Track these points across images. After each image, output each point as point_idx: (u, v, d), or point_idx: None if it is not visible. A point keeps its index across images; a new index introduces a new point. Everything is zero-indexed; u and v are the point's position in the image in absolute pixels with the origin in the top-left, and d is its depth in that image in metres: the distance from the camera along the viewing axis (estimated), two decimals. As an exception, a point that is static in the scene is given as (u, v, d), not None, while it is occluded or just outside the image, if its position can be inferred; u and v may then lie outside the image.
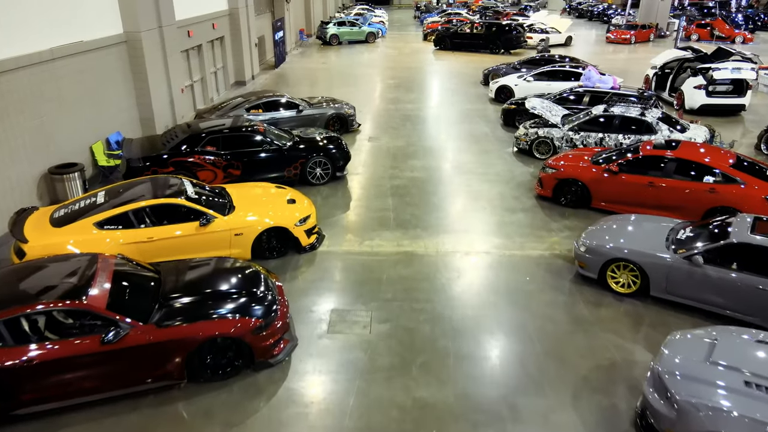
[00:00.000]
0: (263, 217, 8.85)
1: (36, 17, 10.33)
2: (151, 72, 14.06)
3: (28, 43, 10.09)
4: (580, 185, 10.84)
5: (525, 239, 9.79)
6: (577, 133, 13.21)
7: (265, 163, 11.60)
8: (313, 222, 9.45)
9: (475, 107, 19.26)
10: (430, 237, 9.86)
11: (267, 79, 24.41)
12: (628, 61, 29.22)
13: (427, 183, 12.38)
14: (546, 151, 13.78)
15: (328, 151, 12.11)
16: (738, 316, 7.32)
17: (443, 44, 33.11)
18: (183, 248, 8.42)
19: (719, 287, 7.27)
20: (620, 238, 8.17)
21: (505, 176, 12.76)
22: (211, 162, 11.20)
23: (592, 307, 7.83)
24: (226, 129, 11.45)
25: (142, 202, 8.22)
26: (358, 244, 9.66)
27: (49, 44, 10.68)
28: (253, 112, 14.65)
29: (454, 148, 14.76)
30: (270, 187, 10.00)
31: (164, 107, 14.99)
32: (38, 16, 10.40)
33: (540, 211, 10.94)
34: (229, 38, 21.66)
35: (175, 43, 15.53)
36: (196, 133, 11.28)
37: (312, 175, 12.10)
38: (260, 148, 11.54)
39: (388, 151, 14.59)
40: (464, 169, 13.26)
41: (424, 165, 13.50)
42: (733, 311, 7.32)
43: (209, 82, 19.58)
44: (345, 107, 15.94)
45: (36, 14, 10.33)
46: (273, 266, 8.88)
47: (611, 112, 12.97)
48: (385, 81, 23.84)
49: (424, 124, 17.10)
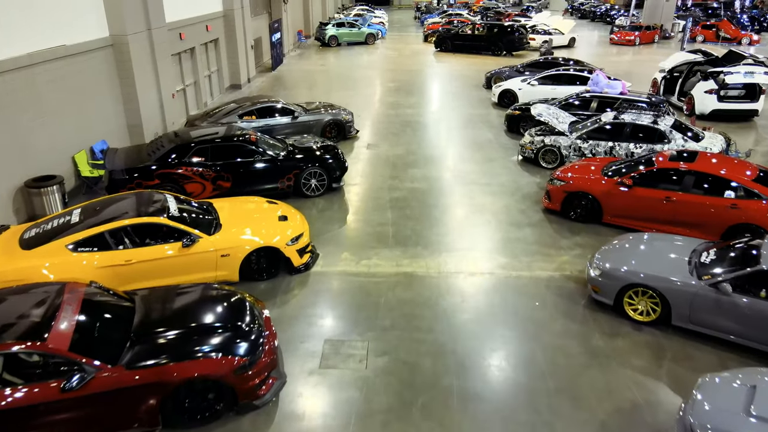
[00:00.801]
0: (252, 236, 8.22)
1: (12, 20, 9.70)
2: (139, 77, 13.43)
3: (3, 48, 9.46)
4: (591, 199, 10.20)
5: (533, 258, 9.15)
6: (586, 142, 12.57)
7: (257, 175, 10.97)
8: (307, 240, 8.82)
9: (478, 112, 18.63)
10: (431, 256, 9.23)
11: (264, 82, 23.78)
12: (633, 63, 28.58)
13: (428, 195, 11.74)
14: (553, 160, 13.15)
15: (324, 161, 11.48)
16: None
17: (444, 46, 32.49)
18: (164, 271, 7.79)
19: (749, 318, 6.63)
20: (637, 261, 7.53)
21: (510, 187, 12.13)
22: (199, 174, 10.57)
23: (607, 337, 7.19)
24: (215, 138, 10.82)
25: (120, 221, 7.59)
26: (354, 263, 9.02)
27: (26, 49, 10.05)
28: (246, 118, 14.03)
29: (457, 156, 14.13)
30: (260, 202, 9.37)
31: (154, 113, 14.36)
32: (14, 19, 9.76)
33: (548, 226, 10.30)
34: (223, 40, 21.04)
35: (166, 46, 14.90)
36: (184, 142, 10.65)
37: (307, 187, 11.46)
38: (252, 158, 10.91)
39: (387, 159, 13.96)
40: (467, 179, 12.62)
41: (425, 175, 12.87)
42: (766, 345, 6.68)
43: (203, 85, 18.96)
44: (342, 113, 15.31)
45: (12, 17, 9.70)
46: (262, 289, 8.25)
47: (622, 120, 12.34)
48: (384, 84, 23.21)
49: (425, 130, 16.47)
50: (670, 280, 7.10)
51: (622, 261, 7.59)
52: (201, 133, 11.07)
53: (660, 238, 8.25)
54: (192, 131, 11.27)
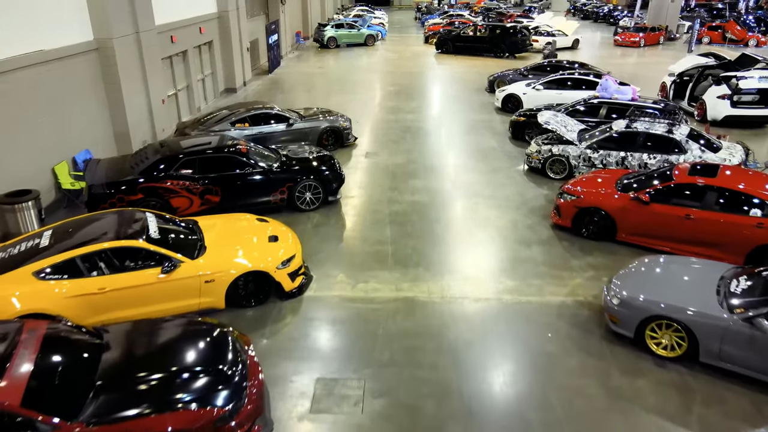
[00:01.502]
0: (239, 260, 7.56)
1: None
2: (125, 82, 12.76)
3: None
4: (604, 215, 9.54)
5: (543, 281, 8.49)
6: (596, 152, 11.91)
7: (248, 188, 10.31)
8: (299, 262, 8.16)
9: (481, 117, 17.97)
10: (433, 278, 8.57)
11: (260, 85, 23.12)
12: (638, 65, 27.92)
13: (429, 208, 11.08)
14: (561, 170, 12.49)
15: (320, 173, 10.82)
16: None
17: (445, 47, 31.82)
18: (143, 299, 7.13)
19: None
20: (660, 289, 6.87)
21: (516, 200, 11.46)
22: (186, 187, 9.91)
23: (628, 375, 6.53)
24: (203, 150, 10.16)
25: (93, 246, 6.93)
26: (350, 287, 8.36)
27: (1, 54, 9.39)
28: (239, 126, 13.36)
29: (459, 166, 13.46)
30: (249, 220, 8.71)
31: (142, 120, 13.70)
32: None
33: (558, 244, 9.64)
34: (218, 43, 20.37)
35: (155, 50, 14.24)
36: (170, 154, 9.99)
37: (301, 200, 10.80)
38: (242, 171, 10.25)
39: (386, 169, 13.29)
40: (470, 191, 11.96)
41: (426, 186, 12.20)
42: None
43: (196, 90, 18.29)
44: (340, 119, 14.65)
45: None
46: (250, 317, 7.59)
47: (634, 129, 11.67)
48: (384, 87, 22.55)
49: (426, 137, 15.81)
50: (697, 313, 6.44)
51: (642, 289, 6.93)
52: (188, 144, 10.42)
53: (682, 261, 7.59)
54: (179, 141, 10.61)
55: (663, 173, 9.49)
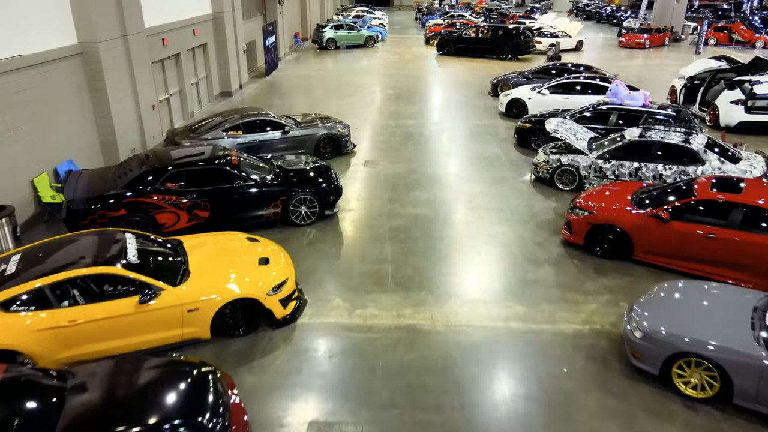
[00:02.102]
0: (226, 286, 6.94)
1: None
2: (112, 88, 12.14)
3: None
4: (619, 232, 8.91)
5: (555, 306, 7.85)
6: (608, 162, 11.28)
7: (239, 202, 9.68)
8: (292, 286, 7.53)
9: (484, 123, 17.34)
10: (437, 303, 7.93)
11: (256, 88, 22.50)
12: (644, 68, 27.28)
13: (432, 223, 10.45)
14: (570, 181, 11.86)
15: (316, 185, 10.19)
16: None
17: (447, 49, 31.18)
18: (118, 331, 6.50)
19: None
20: (687, 320, 6.25)
21: (524, 214, 10.83)
22: (172, 202, 9.28)
23: (654, 418, 5.89)
24: (191, 162, 9.54)
25: (63, 273, 6.30)
26: (347, 313, 7.73)
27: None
28: (232, 134, 12.73)
29: (463, 176, 12.83)
30: (239, 239, 8.08)
31: (130, 128, 13.08)
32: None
33: (570, 263, 9.01)
34: (213, 45, 19.75)
35: (145, 54, 13.62)
36: (155, 167, 9.36)
37: (296, 215, 10.17)
38: (233, 184, 9.62)
39: (386, 179, 12.66)
40: (475, 203, 11.33)
41: (429, 198, 11.57)
42: None
43: (189, 94, 17.67)
44: (338, 126, 14.02)
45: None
46: (237, 349, 6.96)
47: (649, 138, 11.04)
48: (384, 91, 21.92)
49: (428, 144, 15.18)
50: (730, 350, 5.81)
51: (667, 320, 6.29)
52: (175, 156, 9.79)
53: (710, 288, 6.95)
54: (165, 153, 9.99)
55: (682, 187, 8.86)
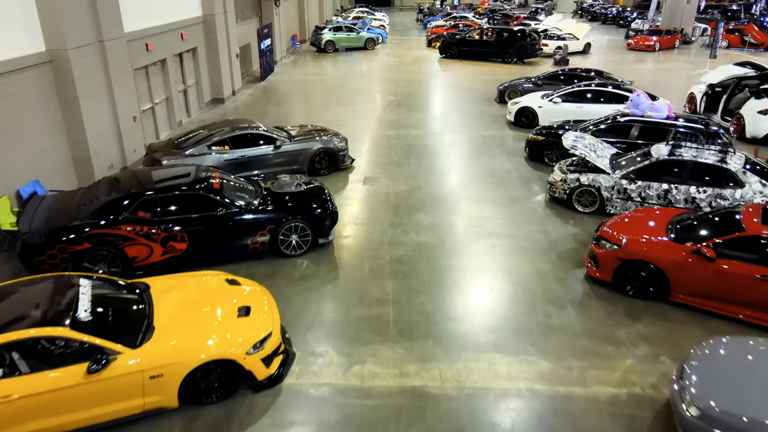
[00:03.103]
0: (198, 345, 5.82)
1: None
2: (85, 99, 11.03)
3: None
4: (653, 268, 7.78)
5: (585, 362, 6.73)
6: (634, 183, 10.16)
7: (221, 232, 8.56)
8: (277, 340, 6.41)
9: (492, 134, 16.21)
10: (446, 357, 6.81)
11: (250, 94, 21.39)
12: (656, 72, 26.15)
13: (438, 253, 9.33)
14: (590, 203, 10.73)
15: (309, 211, 9.08)
16: None
17: (450, 52, 30.06)
18: (64, 406, 5.38)
19: None
20: (757, 394, 5.12)
21: (541, 242, 9.71)
22: (144, 233, 8.16)
23: None
24: (166, 187, 8.42)
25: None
26: (342, 370, 6.61)
27: None
28: (218, 149, 11.62)
29: (471, 196, 11.70)
30: (217, 282, 6.96)
31: (107, 142, 11.97)
32: None
33: (597, 305, 7.88)
34: (203, 49, 18.63)
35: (124, 60, 12.51)
36: (125, 193, 8.24)
37: (286, 244, 9.06)
38: (214, 211, 8.51)
39: (387, 199, 11.54)
40: (486, 228, 10.21)
41: (434, 222, 10.45)
42: None
43: (177, 102, 16.54)
44: (335, 140, 12.89)
45: None
46: (210, 421, 5.83)
47: (680, 156, 9.92)
48: (385, 97, 20.79)
49: (432, 158, 14.06)
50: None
51: (737, 397, 5.15)
52: (148, 180, 8.67)
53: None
54: (137, 176, 8.87)
55: (727, 218, 7.75)
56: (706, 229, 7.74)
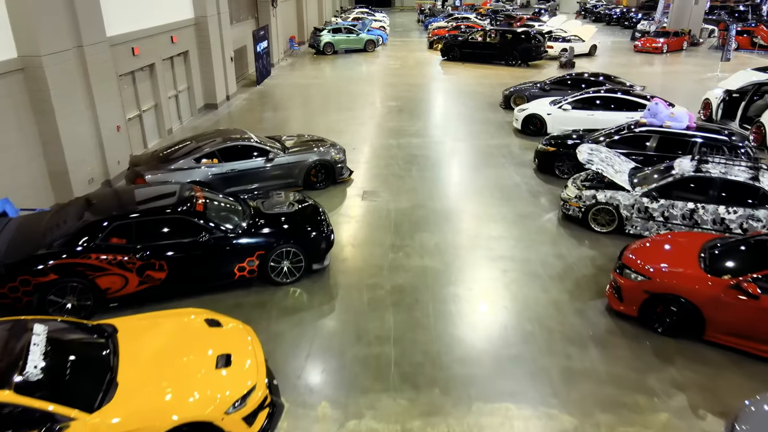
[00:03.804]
0: (170, 404, 5.01)
1: None
2: (61, 108, 10.22)
3: None
4: (685, 303, 6.96)
5: (613, 416, 5.91)
6: (656, 201, 9.34)
7: (204, 259, 7.74)
8: (262, 393, 5.58)
9: (497, 142, 15.39)
10: (455, 410, 5.99)
11: (245, 99, 20.57)
12: (665, 75, 25.32)
13: (444, 280, 8.51)
14: (608, 222, 9.92)
15: (302, 234, 8.27)
16: None
17: (452, 54, 29.24)
18: (7, 484, 4.57)
19: None
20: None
21: (556, 266, 8.89)
22: (118, 262, 7.34)
23: None
24: (144, 210, 7.60)
25: None
26: (336, 426, 5.79)
27: None
28: (206, 162, 10.80)
29: (478, 213, 10.88)
30: (195, 323, 6.13)
31: (88, 154, 11.15)
32: None
33: (623, 344, 7.06)
34: (195, 53, 17.81)
35: (108, 66, 11.70)
36: (96, 218, 7.42)
37: (276, 271, 8.24)
38: (197, 237, 7.69)
39: (388, 216, 10.72)
40: (495, 251, 9.39)
41: (439, 244, 9.63)
42: None
43: (167, 109, 15.72)
44: (332, 151, 12.08)
45: None
46: (183, 495, 5.01)
47: (706, 173, 9.11)
48: (385, 103, 19.97)
49: (435, 170, 13.24)
50: None
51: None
52: (124, 201, 7.86)
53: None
54: (112, 197, 8.07)
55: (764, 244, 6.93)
56: (746, 260, 6.92)
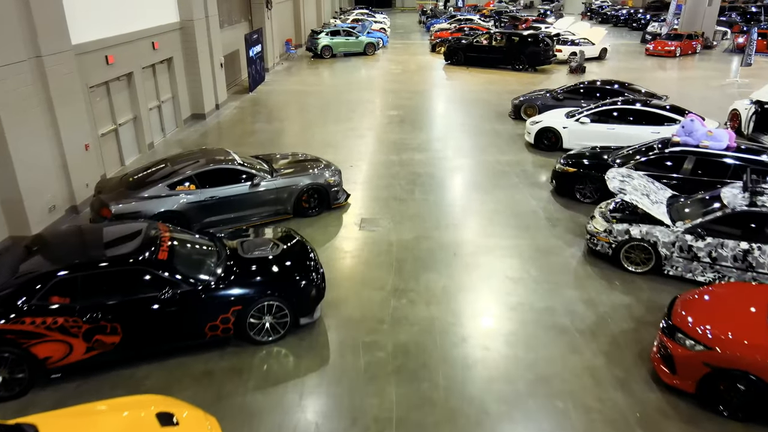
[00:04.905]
0: None
1: None
2: (13, 129, 8.90)
3: None
4: (755, 380, 5.63)
5: None
6: (702, 239, 8.01)
7: (168, 319, 6.41)
8: None
9: (509, 158, 14.05)
10: None
11: (237, 108, 19.24)
12: (681, 81, 23.96)
13: (455, 337, 7.17)
14: (644, 261, 8.58)
15: (288, 284, 6.94)
16: None
17: (456, 58, 27.88)
18: None
19: None
20: None
21: (586, 318, 7.55)
22: (59, 326, 6.01)
23: None
24: (92, 260, 6.26)
25: None
26: None
27: None
28: (182, 188, 9.47)
29: (492, 246, 9.55)
30: (143, 418, 4.80)
31: (48, 178, 9.83)
32: None
33: (680, 430, 5.71)
34: (181, 59, 16.48)
35: (73, 78, 10.37)
36: (31, 274, 6.08)
37: (256, 329, 6.91)
38: (158, 293, 6.36)
39: (389, 251, 9.39)
40: (514, 296, 8.05)
41: (448, 287, 8.29)
42: None
43: (147, 121, 14.39)
44: (326, 173, 10.74)
45: None
46: None
47: (761, 207, 7.77)
48: (385, 112, 18.63)
49: (441, 192, 11.90)
50: None
51: None
52: (69, 248, 6.52)
53: None
54: (56, 240, 6.72)
55: None
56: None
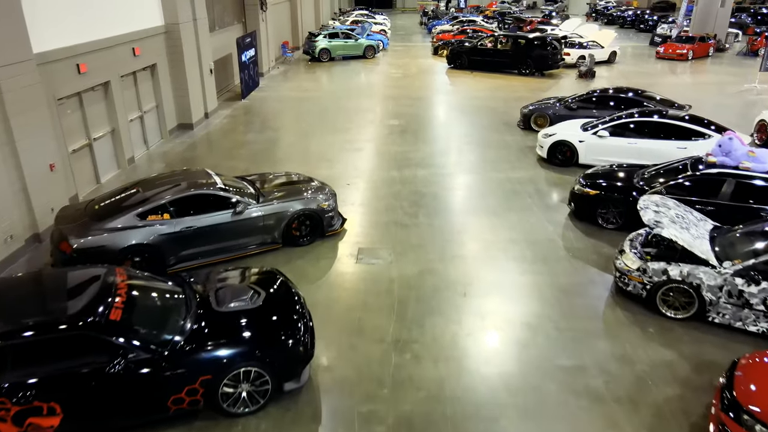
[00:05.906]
0: None
1: None
2: (-40, 154, 7.76)
3: None
4: None
5: None
6: (755, 284, 6.86)
7: (119, 395, 5.26)
8: None
9: (520, 175, 12.89)
10: None
11: (228, 116, 18.09)
12: (697, 86, 22.79)
13: (468, 405, 6.01)
14: (685, 305, 7.43)
15: (271, 345, 5.79)
16: None
17: (459, 62, 26.73)
18: None
19: None
20: None
21: (623, 380, 6.39)
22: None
23: None
24: (25, 325, 5.11)
25: None
26: None
27: None
28: (154, 218, 8.32)
29: (507, 284, 8.40)
30: None
31: (3, 205, 8.69)
32: None
33: None
34: (165, 66, 15.33)
35: (35, 90, 9.23)
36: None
37: (230, 400, 5.76)
38: (108, 365, 5.21)
39: (389, 289, 8.23)
40: (535, 349, 6.90)
41: (458, 337, 7.14)
42: None
43: (128, 134, 13.24)
44: (319, 197, 9.60)
45: None
46: None
47: (827, 249, 6.62)
48: (385, 122, 17.47)
49: (447, 215, 10.75)
50: None
51: None
52: (3, 308, 5.37)
53: None
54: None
55: None
56: None
